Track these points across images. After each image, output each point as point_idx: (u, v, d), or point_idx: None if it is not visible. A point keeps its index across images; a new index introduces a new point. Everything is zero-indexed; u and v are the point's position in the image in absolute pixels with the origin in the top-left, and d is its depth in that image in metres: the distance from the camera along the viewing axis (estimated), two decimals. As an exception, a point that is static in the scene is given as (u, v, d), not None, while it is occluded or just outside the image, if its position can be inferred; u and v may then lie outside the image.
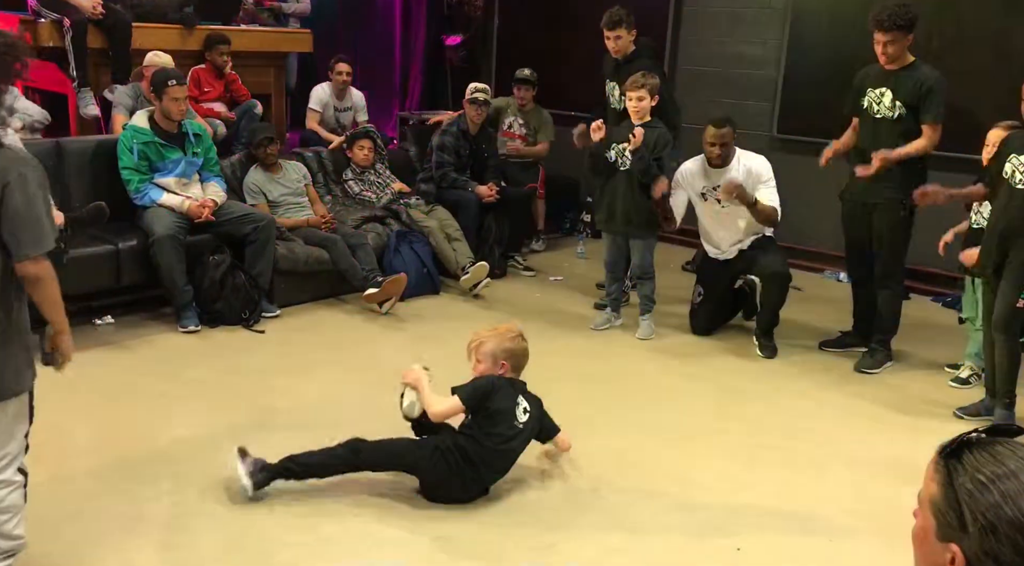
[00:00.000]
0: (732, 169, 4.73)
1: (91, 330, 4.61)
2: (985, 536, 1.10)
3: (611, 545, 2.93)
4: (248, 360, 4.39)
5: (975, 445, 1.16)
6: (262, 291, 4.90)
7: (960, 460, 1.15)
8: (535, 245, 6.74)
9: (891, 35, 4.19)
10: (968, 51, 5.43)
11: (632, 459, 3.53)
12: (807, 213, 5.83)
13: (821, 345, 4.89)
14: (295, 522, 2.96)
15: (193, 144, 4.89)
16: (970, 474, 1.13)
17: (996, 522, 1.09)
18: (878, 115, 4.38)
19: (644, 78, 4.72)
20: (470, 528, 2.98)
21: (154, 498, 3.07)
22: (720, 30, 6.73)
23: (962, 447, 1.17)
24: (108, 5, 5.65)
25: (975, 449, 1.15)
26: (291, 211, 5.38)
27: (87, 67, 5.52)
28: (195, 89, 5.79)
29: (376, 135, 6.06)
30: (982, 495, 1.11)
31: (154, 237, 4.60)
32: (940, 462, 1.18)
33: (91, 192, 4.84)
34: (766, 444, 3.73)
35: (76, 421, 3.64)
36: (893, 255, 4.50)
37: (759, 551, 2.93)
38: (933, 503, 1.17)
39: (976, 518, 1.11)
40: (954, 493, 1.14)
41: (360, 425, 3.67)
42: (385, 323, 5.02)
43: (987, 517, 1.10)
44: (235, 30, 6.35)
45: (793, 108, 6.39)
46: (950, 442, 1.19)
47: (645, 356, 4.75)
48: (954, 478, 1.14)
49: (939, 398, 4.24)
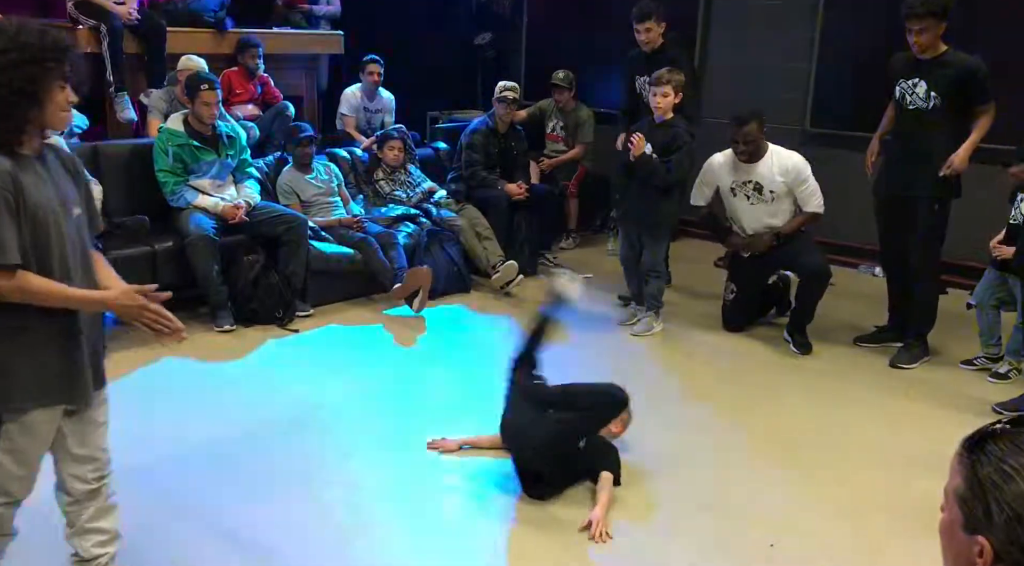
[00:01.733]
0: (763, 164, 4.66)
1: (128, 330, 4.69)
2: (1012, 526, 1.09)
3: (642, 541, 2.93)
4: (282, 358, 4.44)
5: (999, 436, 1.15)
6: (295, 290, 4.95)
7: (984, 451, 1.14)
8: (565, 243, 6.75)
9: (924, 23, 4.10)
10: (999, 36, 5.32)
11: (664, 455, 3.52)
12: (841, 207, 5.75)
13: (856, 340, 4.83)
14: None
15: (227, 146, 4.96)
16: (995, 464, 1.12)
17: (1021, 510, 1.08)
18: (911, 106, 4.30)
19: (670, 74, 4.68)
20: (504, 519, 2.99)
21: (195, 495, 3.12)
22: (751, 22, 6.67)
23: (985, 438, 1.16)
24: (143, 10, 5.74)
25: (999, 440, 1.14)
26: (323, 211, 5.43)
27: (124, 72, 5.61)
28: (226, 92, 5.86)
29: (406, 135, 6.10)
30: (1007, 485, 1.10)
31: (189, 238, 4.67)
32: (964, 454, 1.17)
33: (128, 195, 4.94)
34: (800, 440, 3.70)
35: (114, 419, 3.70)
36: (928, 249, 4.42)
37: (793, 547, 2.91)
38: (958, 495, 1.16)
39: (1003, 508, 1.10)
40: (979, 484, 1.13)
41: (393, 422, 3.71)
42: (414, 322, 5.05)
43: (1013, 507, 1.09)
44: (267, 33, 6.42)
45: (826, 101, 6.32)
46: (974, 434, 1.18)
47: (677, 353, 4.73)
48: (978, 469, 1.13)
49: (977, 393, 4.17)
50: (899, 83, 4.34)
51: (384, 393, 4.04)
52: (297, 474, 3.28)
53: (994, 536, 1.11)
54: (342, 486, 3.20)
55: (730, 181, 4.76)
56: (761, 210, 4.74)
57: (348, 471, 3.32)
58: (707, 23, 6.92)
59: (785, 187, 4.65)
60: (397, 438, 3.58)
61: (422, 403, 3.95)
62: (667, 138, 4.71)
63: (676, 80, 4.69)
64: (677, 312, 5.20)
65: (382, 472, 3.32)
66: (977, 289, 4.51)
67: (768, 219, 4.73)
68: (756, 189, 4.70)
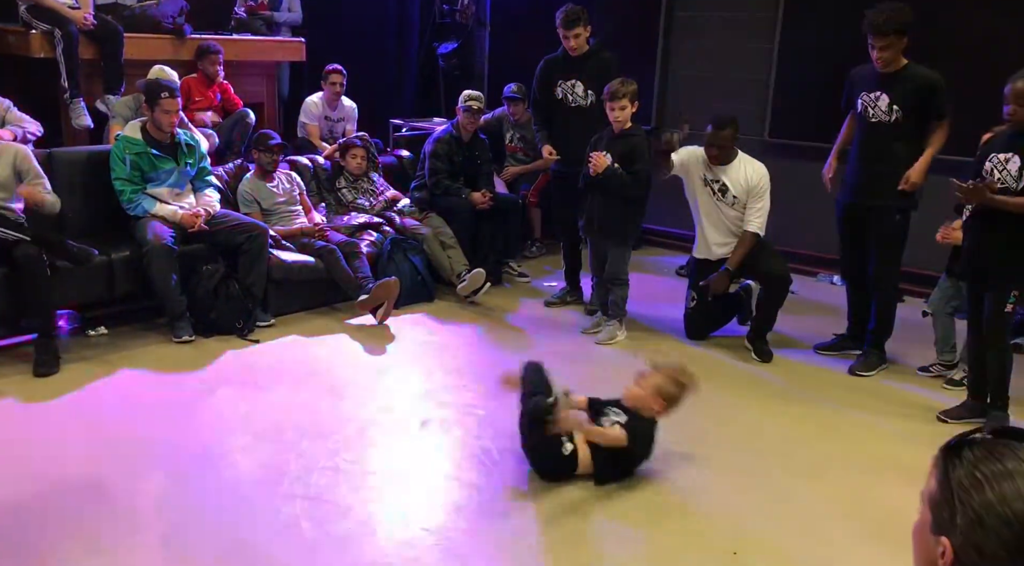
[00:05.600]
0: (733, 168, 4.77)
1: (85, 341, 4.60)
2: (973, 528, 1.11)
3: (607, 550, 2.93)
4: (242, 369, 4.38)
5: (977, 443, 1.17)
6: (256, 300, 4.89)
7: (960, 456, 1.16)
8: (529, 252, 6.76)
9: (887, 39, 4.18)
10: (957, 52, 5.45)
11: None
12: (800, 216, 5.85)
13: (816, 348, 4.90)
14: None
15: (186, 154, 4.89)
16: (967, 469, 1.14)
17: (984, 515, 1.10)
18: (874, 119, 4.37)
19: (623, 86, 4.72)
20: (479, 543, 2.97)
21: (152, 506, 3.06)
22: (711, 34, 6.76)
23: (963, 444, 1.18)
24: (99, 15, 5.64)
25: (976, 447, 1.16)
26: (284, 219, 5.38)
27: (79, 78, 5.50)
28: (185, 98, 5.78)
29: (369, 143, 6.07)
30: (975, 490, 1.12)
31: (147, 247, 4.59)
32: (941, 458, 1.19)
33: (83, 203, 4.84)
34: (761, 448, 3.73)
35: (70, 431, 3.62)
36: (889, 258, 4.50)
37: (755, 555, 2.92)
38: (931, 497, 1.19)
39: (967, 511, 1.12)
40: (949, 487, 1.15)
41: (357, 434, 3.67)
42: (378, 332, 5.01)
43: (977, 511, 1.11)
44: (227, 39, 6.34)
45: (785, 112, 6.42)
46: (953, 439, 1.20)
47: (638, 361, 4.74)
48: (951, 472, 1.16)
49: (934, 401, 4.24)
50: (860, 96, 4.41)
51: (348, 404, 4.00)
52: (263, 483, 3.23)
53: (956, 538, 1.13)
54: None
55: (702, 172, 4.83)
56: (721, 209, 4.82)
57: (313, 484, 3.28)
58: (668, 33, 6.99)
59: (745, 196, 4.73)
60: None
61: (387, 413, 3.91)
62: (627, 148, 4.75)
63: (630, 92, 4.73)
64: (640, 320, 5.23)
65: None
66: (932, 297, 4.59)
67: (725, 221, 4.82)
68: (721, 190, 4.80)
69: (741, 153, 4.81)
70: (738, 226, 4.79)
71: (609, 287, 4.99)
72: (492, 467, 3.44)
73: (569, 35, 5.21)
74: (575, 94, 5.32)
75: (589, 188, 4.88)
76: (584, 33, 5.23)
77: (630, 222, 4.93)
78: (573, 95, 5.33)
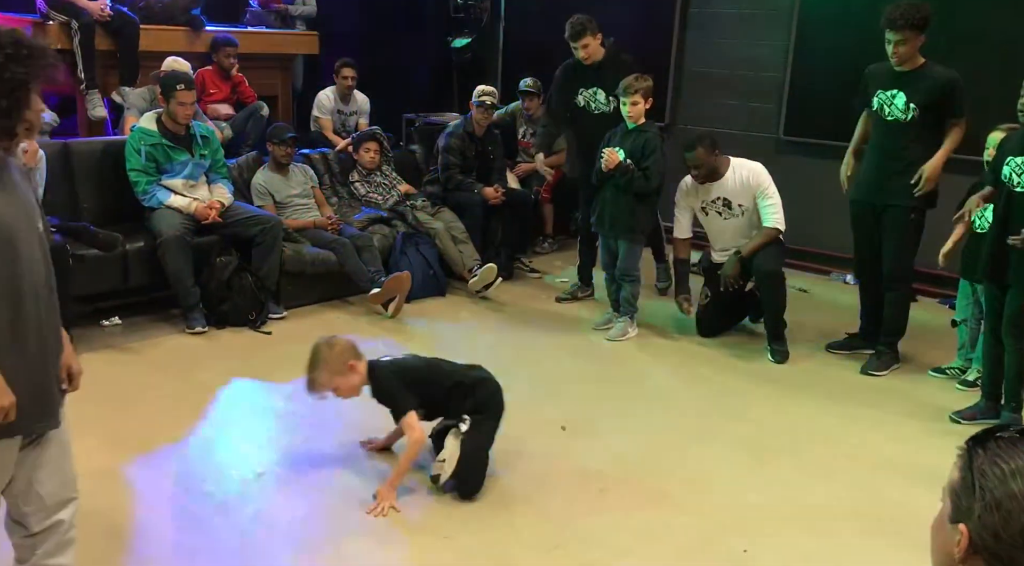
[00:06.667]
0: (727, 180, 4.74)
1: (98, 331, 4.62)
2: (989, 512, 1.12)
3: (618, 547, 2.93)
4: (254, 361, 4.40)
5: (1002, 437, 1.17)
6: (269, 292, 4.91)
7: (984, 447, 1.17)
8: (541, 247, 6.75)
9: (904, 34, 4.15)
10: (971, 51, 5.41)
11: (639, 461, 3.52)
12: (814, 215, 5.81)
13: (828, 347, 4.88)
14: (300, 520, 2.96)
15: (200, 146, 4.90)
16: (989, 458, 1.15)
17: (1003, 500, 1.11)
18: (890, 118, 4.34)
19: (637, 82, 4.71)
20: (476, 528, 2.98)
21: (165, 499, 3.07)
22: (726, 32, 6.72)
23: (989, 437, 1.18)
24: (116, 7, 5.67)
25: (1001, 440, 1.17)
26: (298, 212, 5.39)
27: (95, 69, 5.53)
28: (200, 91, 5.80)
29: (382, 137, 6.07)
30: (996, 478, 1.13)
31: (161, 238, 4.61)
32: (966, 449, 1.20)
33: (99, 194, 4.87)
34: (772, 446, 3.72)
35: (83, 422, 3.64)
36: (902, 257, 4.47)
37: (766, 553, 2.92)
38: (952, 487, 1.19)
39: (984, 496, 1.13)
40: (971, 474, 1.16)
41: (368, 426, 3.68)
42: (390, 326, 5.02)
43: (995, 495, 1.12)
44: (242, 32, 6.36)
45: (799, 110, 6.38)
46: (979, 432, 1.21)
47: (651, 358, 4.75)
48: (974, 461, 1.16)
49: (946, 401, 4.22)
50: (877, 94, 4.38)
51: (358, 397, 4.01)
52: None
53: (973, 523, 1.13)
54: (313, 485, 3.17)
55: (699, 202, 4.84)
56: (735, 224, 4.80)
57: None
58: (682, 31, 6.96)
59: (751, 200, 4.71)
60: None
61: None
62: (639, 144, 4.74)
63: (643, 88, 4.71)
64: (652, 317, 5.22)
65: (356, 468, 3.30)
66: (959, 306, 4.55)
67: (743, 237, 4.78)
68: (725, 205, 4.77)
69: (732, 159, 4.78)
70: (755, 230, 4.76)
71: (620, 283, 4.99)
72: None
73: (578, 46, 5.15)
74: (597, 102, 5.29)
75: (601, 184, 4.88)
76: (594, 41, 5.15)
77: (641, 218, 4.91)
78: (596, 103, 5.30)
